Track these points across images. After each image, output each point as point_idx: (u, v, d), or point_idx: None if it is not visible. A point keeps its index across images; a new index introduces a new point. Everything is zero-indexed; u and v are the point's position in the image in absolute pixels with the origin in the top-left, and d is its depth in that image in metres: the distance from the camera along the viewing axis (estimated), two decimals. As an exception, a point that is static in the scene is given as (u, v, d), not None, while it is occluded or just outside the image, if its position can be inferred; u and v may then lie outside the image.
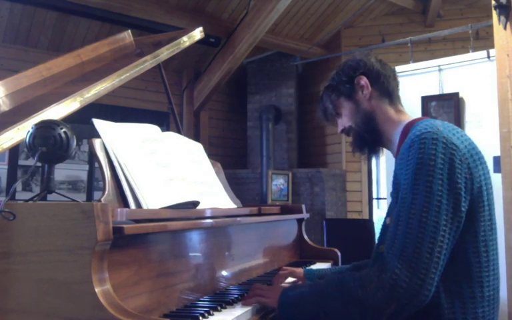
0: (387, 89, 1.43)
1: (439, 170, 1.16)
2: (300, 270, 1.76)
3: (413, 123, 1.35)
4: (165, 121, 5.85)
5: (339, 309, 1.21)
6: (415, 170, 1.18)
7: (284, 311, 1.32)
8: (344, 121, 1.48)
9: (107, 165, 1.41)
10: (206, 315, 1.21)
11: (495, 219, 1.27)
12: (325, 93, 1.51)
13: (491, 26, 2.99)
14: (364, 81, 1.42)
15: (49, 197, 1.38)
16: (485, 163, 1.27)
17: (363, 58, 1.46)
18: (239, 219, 1.77)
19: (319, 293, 1.27)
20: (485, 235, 1.21)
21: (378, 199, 6.55)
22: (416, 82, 3.77)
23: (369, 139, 1.42)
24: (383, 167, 4.91)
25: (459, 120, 3.54)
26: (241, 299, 1.41)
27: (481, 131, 3.44)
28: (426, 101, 3.69)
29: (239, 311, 1.29)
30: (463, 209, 1.16)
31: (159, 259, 1.29)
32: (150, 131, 1.66)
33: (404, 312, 1.14)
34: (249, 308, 1.32)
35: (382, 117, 1.41)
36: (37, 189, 4.86)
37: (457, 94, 3.58)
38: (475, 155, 1.23)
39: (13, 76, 1.84)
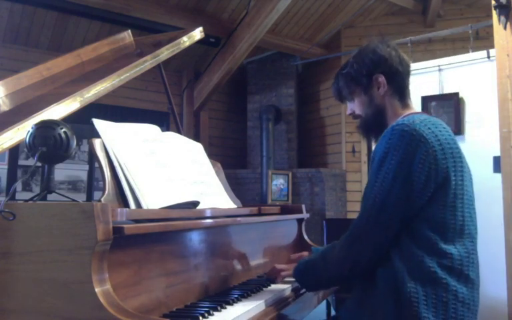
0: (401, 88, 1.51)
1: (400, 159, 1.28)
2: (306, 253, 1.85)
3: (404, 117, 1.44)
4: (165, 121, 5.85)
5: (323, 271, 1.44)
6: (380, 157, 1.32)
7: (298, 277, 1.52)
8: (355, 107, 1.57)
9: (107, 165, 1.41)
10: (206, 314, 1.20)
11: (467, 211, 1.35)
12: (343, 76, 1.57)
13: (491, 26, 2.98)
14: (382, 79, 1.49)
15: (49, 196, 1.38)
16: (459, 158, 1.35)
17: (384, 54, 1.50)
18: (239, 218, 1.77)
19: (318, 259, 1.47)
20: (444, 217, 1.29)
21: (378, 199, 6.54)
22: (416, 82, 3.73)
23: (375, 129, 1.52)
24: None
25: (459, 120, 3.53)
26: (241, 299, 1.41)
27: (481, 131, 3.43)
28: (426, 101, 3.68)
29: (239, 311, 1.28)
30: (418, 193, 1.28)
31: (159, 259, 1.29)
32: (150, 131, 1.66)
33: (354, 275, 1.35)
34: (249, 308, 1.32)
35: (390, 112, 1.50)
36: (36, 189, 4.86)
37: (457, 94, 3.57)
38: (447, 149, 1.32)
39: (13, 76, 1.84)
